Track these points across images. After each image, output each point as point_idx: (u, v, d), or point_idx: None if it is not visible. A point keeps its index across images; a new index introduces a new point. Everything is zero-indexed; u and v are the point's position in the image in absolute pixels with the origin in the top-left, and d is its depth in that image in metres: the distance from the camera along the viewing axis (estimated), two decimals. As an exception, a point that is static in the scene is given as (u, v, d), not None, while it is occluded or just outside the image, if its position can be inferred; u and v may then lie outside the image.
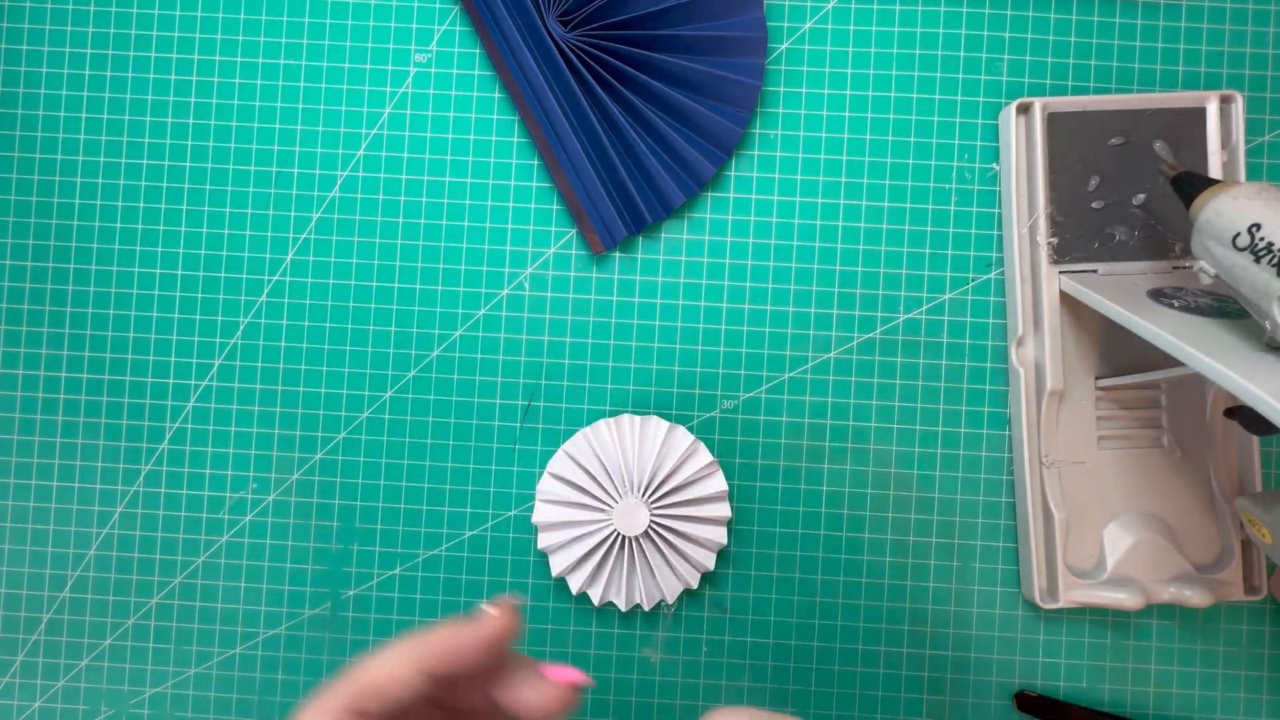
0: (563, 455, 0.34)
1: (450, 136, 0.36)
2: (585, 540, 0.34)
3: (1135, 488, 0.35)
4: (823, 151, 0.36)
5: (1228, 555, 0.35)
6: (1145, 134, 0.35)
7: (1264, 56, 0.36)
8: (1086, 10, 0.36)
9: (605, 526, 0.34)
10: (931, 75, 0.36)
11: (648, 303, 0.36)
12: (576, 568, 0.34)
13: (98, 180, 0.36)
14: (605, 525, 0.34)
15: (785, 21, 0.36)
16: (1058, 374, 0.34)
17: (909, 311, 0.36)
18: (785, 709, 0.36)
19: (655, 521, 0.34)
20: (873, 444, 0.36)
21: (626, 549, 0.34)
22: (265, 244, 0.36)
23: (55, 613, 0.37)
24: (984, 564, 0.36)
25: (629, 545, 0.34)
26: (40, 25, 0.36)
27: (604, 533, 0.34)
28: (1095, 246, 0.35)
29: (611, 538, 0.34)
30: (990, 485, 0.36)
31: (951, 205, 0.36)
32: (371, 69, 0.36)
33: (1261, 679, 0.36)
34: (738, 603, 0.36)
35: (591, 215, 0.36)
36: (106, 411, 0.36)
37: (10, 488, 0.37)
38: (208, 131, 0.36)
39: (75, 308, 0.37)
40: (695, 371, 0.36)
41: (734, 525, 0.36)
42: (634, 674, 0.36)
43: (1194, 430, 0.35)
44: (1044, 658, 0.36)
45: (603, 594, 0.34)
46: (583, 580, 0.34)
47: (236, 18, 0.36)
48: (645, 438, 0.34)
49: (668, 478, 0.34)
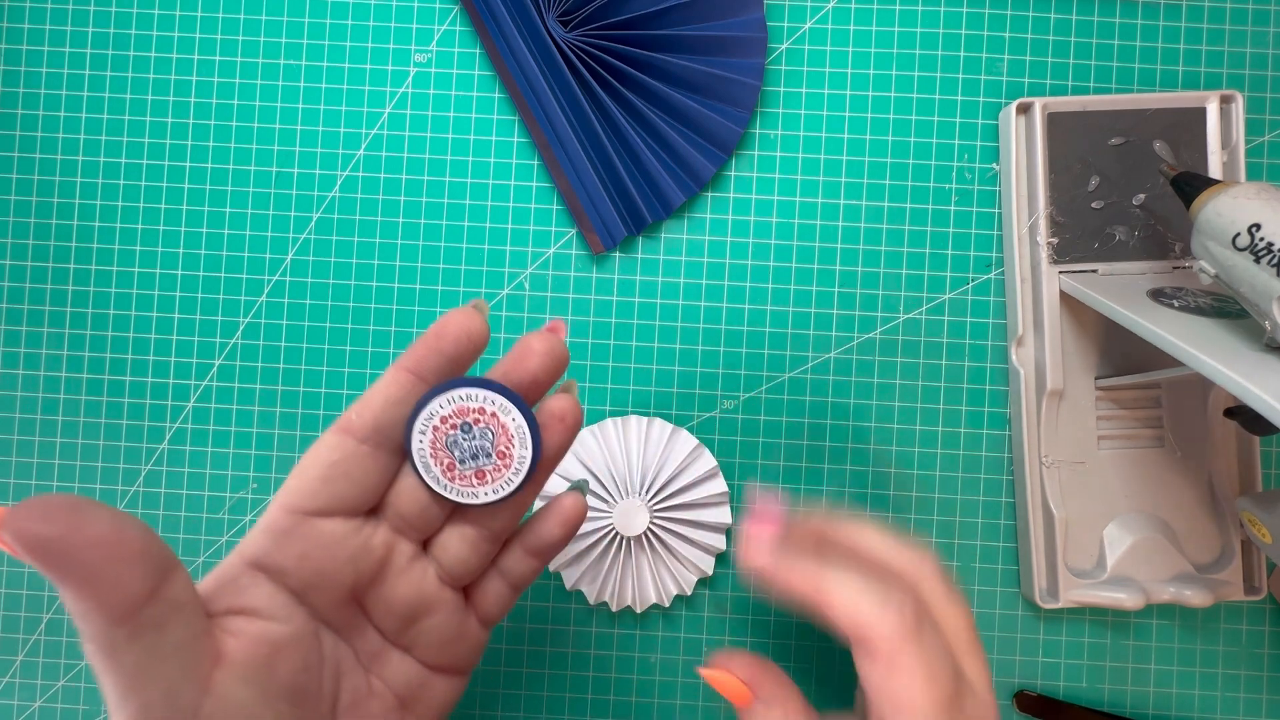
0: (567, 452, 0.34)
1: (450, 136, 0.36)
2: (584, 538, 0.34)
3: (1135, 488, 0.35)
4: (823, 151, 0.36)
5: (1228, 555, 0.35)
6: (1145, 134, 0.35)
7: (1264, 56, 0.36)
8: (1086, 10, 0.36)
9: (605, 526, 0.34)
10: (931, 75, 0.36)
11: (648, 303, 0.36)
12: (573, 564, 0.34)
13: (98, 180, 0.36)
14: (605, 524, 0.34)
15: (785, 21, 0.36)
16: (1058, 374, 0.34)
17: (909, 311, 0.36)
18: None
19: (655, 524, 0.34)
20: (873, 444, 0.36)
21: (624, 549, 0.34)
22: (265, 244, 0.36)
23: (55, 613, 0.37)
24: (984, 564, 0.36)
25: (626, 546, 0.34)
26: (40, 25, 0.36)
27: (603, 531, 0.34)
28: (1095, 246, 0.35)
29: (610, 537, 0.34)
30: (990, 485, 0.36)
31: (951, 205, 0.36)
32: (371, 69, 0.36)
33: (1261, 679, 0.36)
34: (738, 603, 0.36)
35: (591, 215, 0.36)
36: (106, 411, 0.36)
37: (10, 488, 0.37)
38: (208, 131, 0.36)
39: (75, 308, 0.37)
40: (695, 371, 0.36)
41: (734, 525, 0.36)
42: (634, 674, 0.36)
43: (1194, 430, 0.35)
44: (1043, 657, 0.36)
45: (598, 593, 0.34)
46: (577, 577, 0.34)
47: (236, 18, 0.36)
48: (650, 439, 0.34)
49: (670, 481, 0.34)
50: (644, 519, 0.33)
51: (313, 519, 0.23)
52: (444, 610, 0.25)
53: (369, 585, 0.24)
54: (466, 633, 0.26)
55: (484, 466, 0.23)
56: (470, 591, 0.26)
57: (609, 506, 0.34)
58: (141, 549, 0.19)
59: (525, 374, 0.23)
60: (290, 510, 0.23)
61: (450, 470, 0.23)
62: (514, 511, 0.25)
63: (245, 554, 0.23)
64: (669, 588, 0.34)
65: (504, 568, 0.26)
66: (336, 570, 0.23)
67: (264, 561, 0.22)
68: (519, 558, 0.26)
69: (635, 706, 0.36)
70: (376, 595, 0.24)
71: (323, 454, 0.23)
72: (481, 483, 0.23)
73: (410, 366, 0.23)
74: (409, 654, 0.25)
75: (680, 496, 0.34)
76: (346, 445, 0.23)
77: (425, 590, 0.24)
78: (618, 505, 0.33)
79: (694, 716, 0.36)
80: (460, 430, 0.23)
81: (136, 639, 0.19)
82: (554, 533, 0.26)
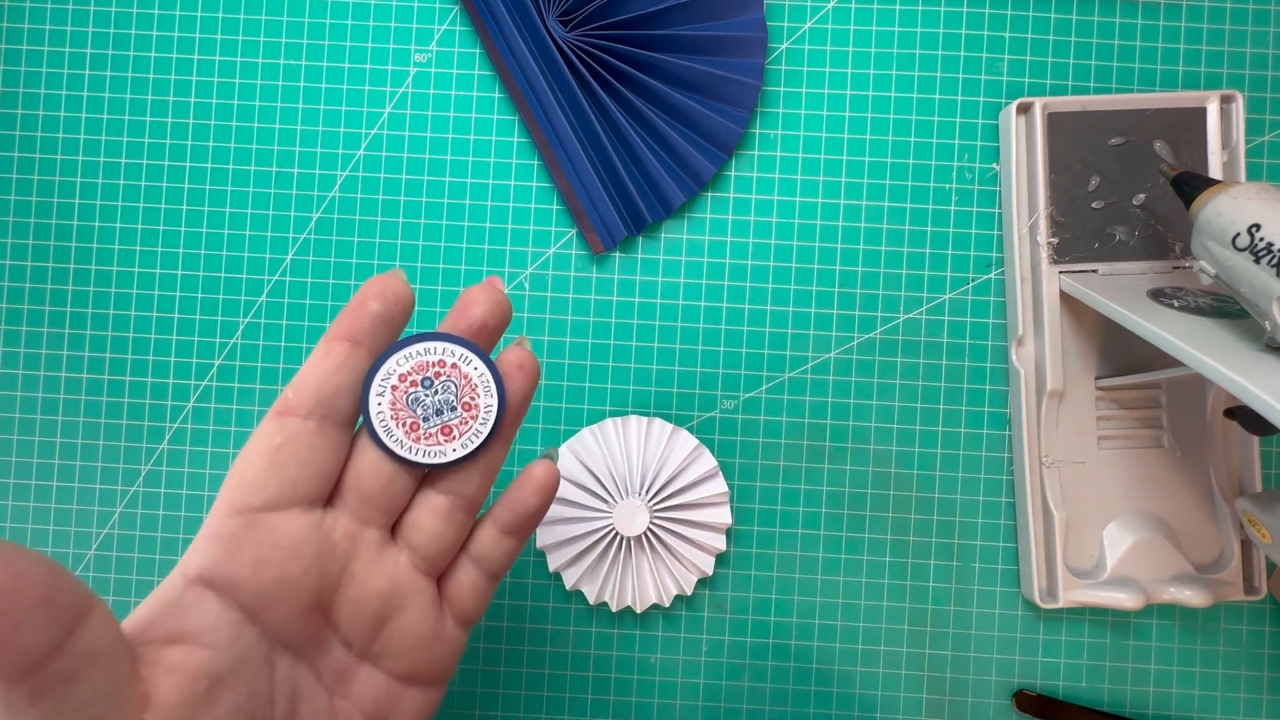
0: (566, 452, 0.34)
1: (450, 136, 0.36)
2: (584, 538, 0.34)
3: (1135, 488, 0.35)
4: (823, 151, 0.36)
5: (1228, 555, 0.35)
6: (1145, 134, 0.35)
7: (1264, 56, 0.36)
8: (1086, 10, 0.36)
9: (604, 525, 0.34)
10: (931, 75, 0.36)
11: (648, 303, 0.36)
12: (573, 564, 0.34)
13: (98, 180, 0.36)
14: (605, 524, 0.34)
15: (785, 21, 0.36)
16: (1058, 374, 0.34)
17: (909, 311, 0.36)
18: (785, 709, 0.36)
19: (655, 524, 0.34)
20: (873, 444, 0.36)
21: (624, 549, 0.34)
22: (265, 244, 0.36)
23: (55, 613, 0.37)
24: (984, 564, 0.36)
25: (626, 546, 0.34)
26: (40, 25, 0.36)
27: (603, 531, 0.34)
28: (1095, 246, 0.35)
29: (610, 537, 0.34)
30: (990, 485, 0.36)
31: (951, 205, 0.36)
32: (371, 69, 0.36)
33: (1261, 679, 0.36)
34: (738, 603, 0.36)
35: (591, 215, 0.36)
36: (106, 411, 0.36)
37: (10, 488, 0.37)
38: (208, 131, 0.36)
39: (75, 308, 0.37)
40: (695, 371, 0.36)
41: (734, 526, 0.36)
42: (634, 674, 0.36)
43: (1194, 430, 0.35)
44: (1043, 657, 0.36)
45: (598, 593, 0.34)
46: (577, 577, 0.34)
47: (236, 18, 0.36)
48: (650, 439, 0.34)
49: (670, 481, 0.34)
50: (644, 519, 0.33)
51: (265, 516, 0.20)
52: (418, 605, 0.23)
53: (335, 587, 0.21)
54: (442, 633, 0.23)
55: (450, 421, 0.22)
56: (444, 585, 0.24)
57: (609, 506, 0.34)
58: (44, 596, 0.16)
59: (473, 321, 0.22)
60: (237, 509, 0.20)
61: (414, 430, 0.22)
62: (485, 474, 0.23)
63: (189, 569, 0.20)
64: (669, 588, 0.34)
65: (478, 553, 0.24)
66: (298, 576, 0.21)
67: (211, 575, 0.20)
68: (493, 538, 0.24)
69: (635, 706, 0.36)
70: (344, 597, 0.22)
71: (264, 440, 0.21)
72: (449, 439, 0.22)
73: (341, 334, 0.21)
74: (378, 667, 0.23)
75: (680, 496, 0.34)
76: (289, 426, 0.21)
77: (398, 581, 0.22)
78: (618, 505, 0.33)
79: (694, 716, 0.36)
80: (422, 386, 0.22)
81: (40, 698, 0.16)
82: (529, 502, 0.23)
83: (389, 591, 0.22)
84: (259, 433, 0.21)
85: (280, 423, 0.21)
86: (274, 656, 0.21)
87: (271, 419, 0.21)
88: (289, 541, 0.20)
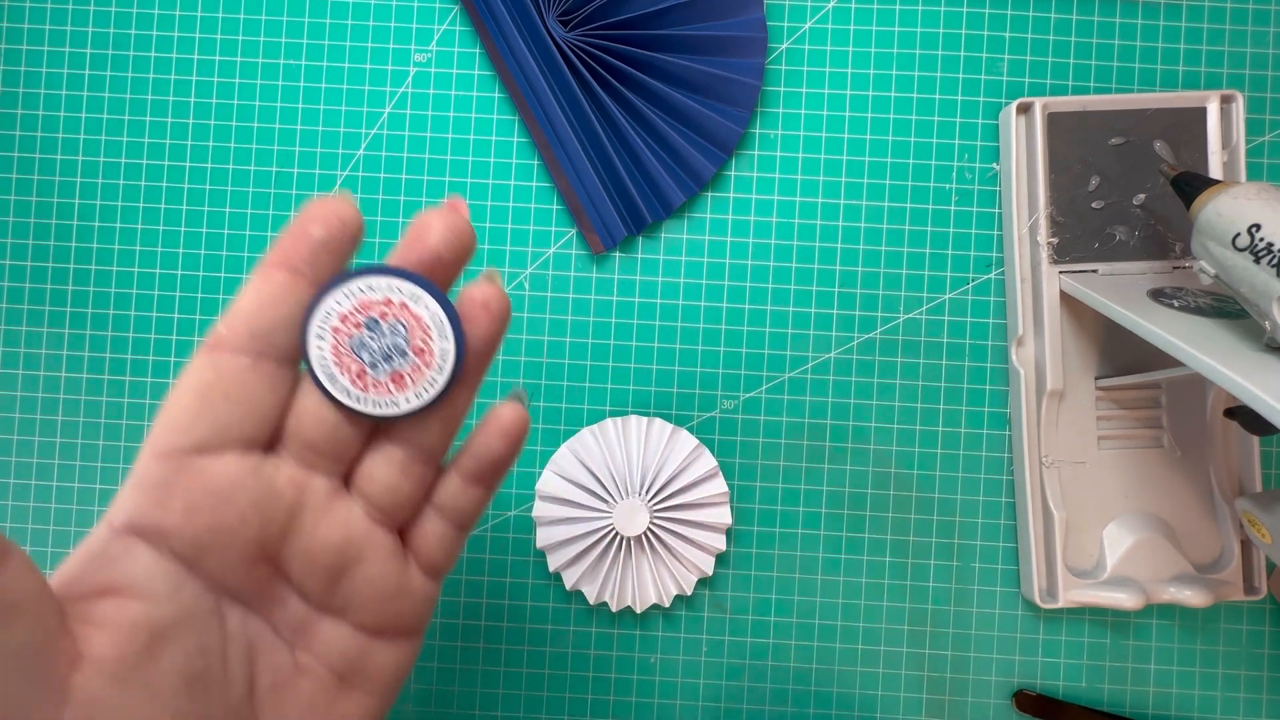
0: (566, 452, 0.34)
1: (450, 136, 0.36)
2: (584, 538, 0.34)
3: (1135, 488, 0.35)
4: (823, 151, 0.36)
5: (1228, 555, 0.35)
6: (1145, 134, 0.35)
7: (1264, 56, 0.36)
8: (1086, 10, 0.36)
9: (604, 525, 0.34)
10: (931, 75, 0.36)
11: (648, 303, 0.36)
12: (573, 564, 0.34)
13: (98, 180, 0.36)
14: (605, 524, 0.34)
15: (785, 21, 0.36)
16: (1058, 374, 0.34)
17: (909, 311, 0.36)
18: (785, 709, 0.36)
19: (655, 523, 0.34)
20: (873, 444, 0.36)
21: (624, 549, 0.34)
22: (265, 244, 0.36)
23: (55, 613, 0.37)
24: (984, 564, 0.36)
25: (626, 546, 0.34)
26: (40, 25, 0.36)
27: (603, 531, 0.34)
28: (1095, 246, 0.35)
29: (610, 537, 0.34)
30: (990, 485, 0.36)
31: (951, 205, 0.36)
32: (371, 69, 0.36)
33: (1261, 679, 0.36)
34: (738, 603, 0.36)
35: (591, 215, 0.36)
36: (106, 411, 0.36)
37: (10, 488, 0.37)
38: (208, 131, 0.36)
39: (75, 308, 0.37)
40: (695, 371, 0.36)
41: (734, 526, 0.36)
42: (634, 674, 0.36)
43: (1194, 430, 0.35)
44: (1043, 657, 0.36)
45: (598, 593, 0.34)
46: (577, 577, 0.34)
47: (236, 18, 0.36)
48: (650, 439, 0.34)
49: (670, 481, 0.34)
50: (644, 519, 0.33)
51: (195, 459, 0.19)
52: (378, 557, 0.21)
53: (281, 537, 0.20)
54: (408, 585, 0.21)
55: (400, 368, 0.20)
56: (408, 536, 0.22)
57: (609, 506, 0.34)
58: None
59: (426, 252, 0.19)
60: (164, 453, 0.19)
61: (361, 378, 0.20)
62: (445, 423, 0.21)
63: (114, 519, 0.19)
64: (669, 588, 0.34)
65: (442, 503, 0.22)
66: (235, 523, 0.19)
67: (139, 523, 0.18)
68: (458, 488, 0.21)
69: (635, 706, 0.36)
70: (292, 548, 0.20)
71: (194, 377, 0.19)
72: (401, 388, 0.20)
73: (279, 261, 0.19)
74: (342, 620, 0.21)
75: (680, 496, 0.34)
76: (221, 362, 0.19)
77: (352, 532, 0.20)
78: (618, 505, 0.33)
79: (694, 716, 0.36)
80: (366, 328, 0.19)
81: None
82: (494, 447, 0.21)
83: (343, 542, 0.20)
84: (189, 369, 0.19)
85: (211, 358, 0.19)
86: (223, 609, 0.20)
87: (202, 354, 0.19)
88: (222, 486, 0.19)
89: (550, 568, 0.34)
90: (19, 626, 0.16)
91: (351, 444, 0.20)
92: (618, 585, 0.34)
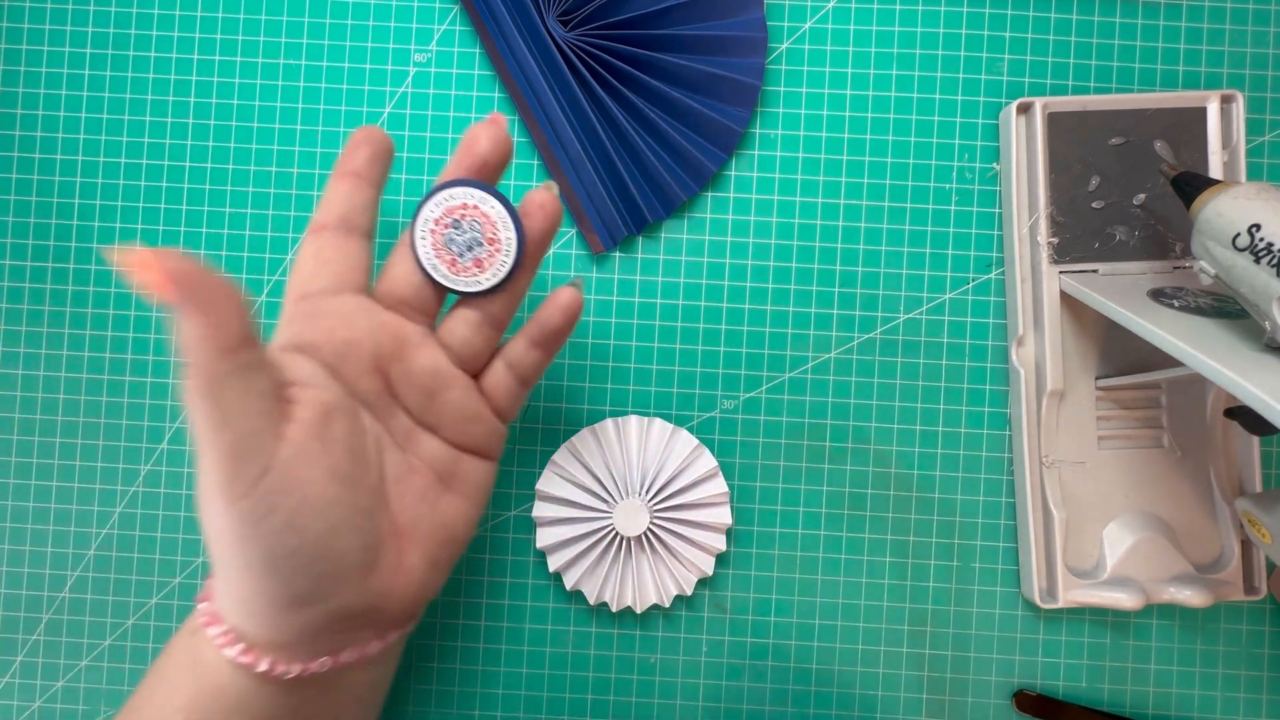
0: (566, 452, 0.34)
1: (450, 136, 0.36)
2: (584, 538, 0.34)
3: (1135, 488, 0.35)
4: (823, 151, 0.36)
5: (1228, 555, 0.35)
6: (1145, 134, 0.35)
7: (1264, 56, 0.36)
8: (1086, 10, 0.36)
9: (605, 526, 0.34)
10: (931, 75, 0.36)
11: (648, 303, 0.36)
12: (573, 564, 0.34)
13: (98, 180, 0.36)
14: (605, 524, 0.34)
15: (785, 21, 0.36)
16: (1058, 374, 0.34)
17: (909, 311, 0.36)
18: (785, 709, 0.36)
19: (655, 524, 0.34)
20: (873, 444, 0.36)
21: (624, 549, 0.34)
22: (265, 244, 0.36)
23: (55, 613, 0.37)
24: (984, 564, 0.36)
25: (626, 546, 0.34)
26: (40, 25, 0.36)
27: (603, 531, 0.34)
28: (1095, 246, 0.35)
29: (610, 537, 0.34)
30: (990, 485, 0.36)
31: (951, 205, 0.36)
32: (371, 69, 0.36)
33: (1261, 679, 0.36)
34: (738, 603, 0.36)
35: (591, 215, 0.36)
36: (106, 411, 0.36)
37: (10, 488, 0.37)
38: (208, 131, 0.36)
39: (75, 308, 0.36)
40: (695, 371, 0.36)
41: (734, 526, 0.36)
42: (634, 674, 0.36)
43: (1194, 430, 0.35)
44: (1043, 657, 0.36)
45: (598, 593, 0.34)
46: (578, 577, 0.34)
47: (236, 17, 0.36)
48: (650, 439, 0.34)
49: (670, 481, 0.34)
50: (644, 519, 0.33)
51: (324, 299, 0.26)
52: (460, 387, 0.27)
53: (390, 358, 0.27)
54: (483, 416, 0.28)
55: (480, 255, 0.27)
56: (481, 381, 0.28)
57: (609, 507, 0.34)
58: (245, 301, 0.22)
59: (476, 159, 0.27)
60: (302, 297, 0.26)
61: (454, 266, 0.27)
62: (510, 297, 0.28)
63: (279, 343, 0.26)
64: (669, 588, 0.34)
65: (510, 359, 0.28)
66: (362, 338, 0.26)
67: (297, 342, 0.26)
68: (524, 349, 0.28)
69: (635, 707, 0.36)
70: (398, 369, 0.27)
71: (308, 249, 0.27)
72: (481, 270, 0.27)
73: (345, 172, 0.27)
74: (436, 435, 0.28)
75: (680, 497, 0.34)
76: (324, 236, 0.27)
77: (439, 366, 0.27)
78: (618, 505, 0.33)
79: (694, 716, 0.36)
80: (452, 227, 0.26)
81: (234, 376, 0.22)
82: (554, 319, 0.28)
83: (433, 371, 0.27)
84: (304, 247, 0.27)
85: (317, 235, 0.27)
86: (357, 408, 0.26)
87: (309, 236, 0.27)
88: (348, 313, 0.26)
89: (550, 568, 0.34)
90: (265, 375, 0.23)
91: (432, 303, 0.28)
92: (618, 585, 0.34)
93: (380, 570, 0.25)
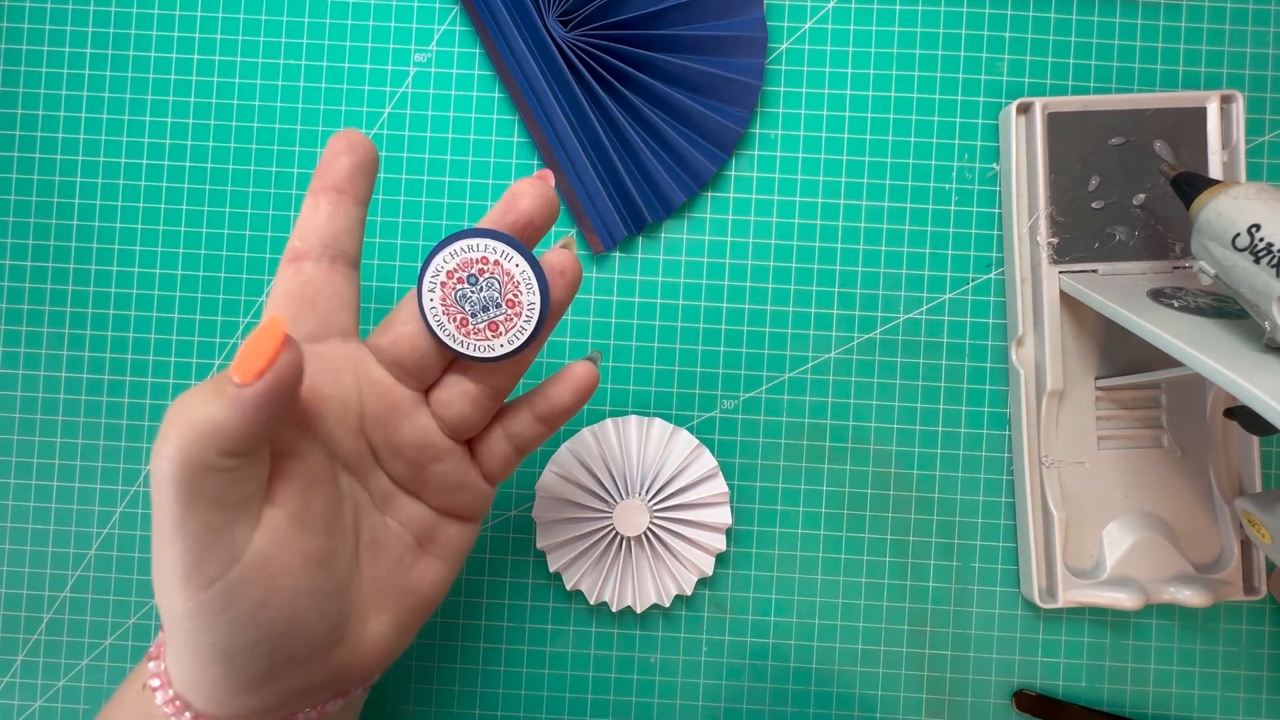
0: (566, 452, 0.34)
1: (450, 136, 0.36)
2: (584, 538, 0.34)
3: (1135, 488, 0.35)
4: (823, 151, 0.36)
5: (1227, 555, 0.35)
6: (1145, 134, 0.35)
7: (1264, 56, 0.36)
8: (1086, 10, 0.36)
9: (604, 526, 0.34)
10: (931, 75, 0.36)
11: (648, 303, 0.36)
12: (573, 564, 0.34)
13: (98, 180, 0.36)
14: (605, 524, 0.34)
15: (785, 21, 0.36)
16: (1058, 374, 0.34)
17: (909, 311, 0.36)
18: (785, 709, 0.36)
19: (655, 524, 0.34)
20: (873, 444, 0.36)
21: (624, 549, 0.34)
22: (265, 244, 0.36)
23: (55, 613, 0.37)
24: (984, 564, 0.36)
25: (626, 546, 0.34)
26: (40, 25, 0.36)
27: (603, 531, 0.34)
28: (1095, 246, 0.35)
29: (610, 537, 0.34)
30: (990, 485, 0.36)
31: (951, 205, 0.36)
32: (371, 69, 0.36)
33: (1261, 679, 0.36)
34: (738, 603, 0.36)
35: (591, 215, 0.36)
36: (106, 411, 0.36)
37: (10, 488, 0.37)
38: (208, 131, 0.36)
39: (75, 308, 0.37)
40: (695, 371, 0.36)
41: (734, 526, 0.36)
42: (634, 674, 0.36)
43: (1194, 430, 0.35)
44: (1043, 657, 0.36)
45: (598, 593, 0.34)
46: (578, 577, 0.34)
47: (236, 17, 0.36)
48: (650, 439, 0.34)
49: (670, 481, 0.34)
50: (644, 519, 0.33)
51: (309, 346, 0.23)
52: (450, 459, 0.25)
53: (377, 424, 0.24)
54: (472, 484, 0.26)
55: (496, 318, 0.23)
56: (475, 448, 0.26)
57: (609, 507, 0.34)
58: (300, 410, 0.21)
59: (519, 216, 0.23)
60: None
61: (464, 325, 0.23)
62: (516, 368, 0.25)
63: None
64: (669, 588, 0.34)
65: (510, 430, 0.26)
66: (346, 395, 0.23)
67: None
68: (527, 422, 0.26)
69: (635, 707, 0.36)
70: (383, 437, 0.24)
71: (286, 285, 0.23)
72: (495, 335, 0.23)
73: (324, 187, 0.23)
74: (419, 499, 0.26)
75: (680, 496, 0.34)
76: (305, 269, 0.23)
77: (430, 438, 0.25)
78: (618, 505, 0.33)
79: (694, 716, 0.36)
80: (468, 283, 0.23)
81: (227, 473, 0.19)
82: (564, 399, 0.26)
83: (422, 442, 0.24)
84: (281, 279, 0.23)
85: (296, 267, 0.23)
86: (336, 472, 0.23)
87: (286, 267, 0.23)
88: (333, 365, 0.23)
89: (550, 568, 0.34)
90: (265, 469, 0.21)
91: (433, 370, 0.24)
92: (618, 585, 0.34)
93: (346, 644, 0.23)
